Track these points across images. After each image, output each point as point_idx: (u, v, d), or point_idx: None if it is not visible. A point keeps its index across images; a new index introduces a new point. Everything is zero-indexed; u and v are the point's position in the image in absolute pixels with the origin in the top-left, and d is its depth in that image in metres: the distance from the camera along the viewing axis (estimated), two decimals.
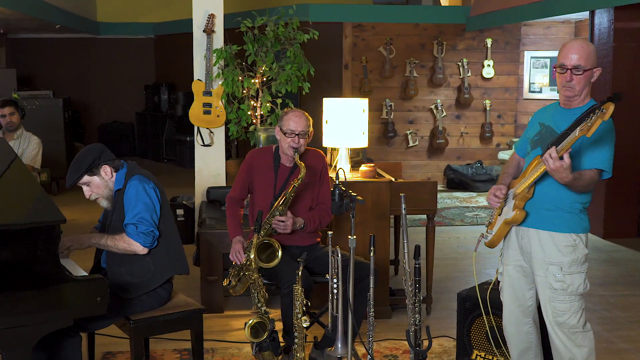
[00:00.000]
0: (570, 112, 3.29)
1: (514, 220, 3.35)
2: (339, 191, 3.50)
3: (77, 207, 8.51)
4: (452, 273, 6.24)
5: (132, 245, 3.51)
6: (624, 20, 7.43)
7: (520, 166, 3.60)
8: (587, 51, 3.22)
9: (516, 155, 3.63)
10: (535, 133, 3.42)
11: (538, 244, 3.33)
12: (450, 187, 10.62)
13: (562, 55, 3.26)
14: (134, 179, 3.57)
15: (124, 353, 4.31)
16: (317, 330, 4.45)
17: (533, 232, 3.34)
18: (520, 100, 11.11)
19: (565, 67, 3.23)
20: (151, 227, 3.53)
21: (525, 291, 3.47)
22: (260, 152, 4.37)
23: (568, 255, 3.28)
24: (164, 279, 3.63)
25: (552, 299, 3.30)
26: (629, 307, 5.36)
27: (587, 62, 3.21)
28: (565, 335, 3.31)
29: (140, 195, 3.53)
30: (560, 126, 3.27)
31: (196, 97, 6.54)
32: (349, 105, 5.02)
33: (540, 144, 3.33)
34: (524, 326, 3.51)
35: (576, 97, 3.28)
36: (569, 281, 3.28)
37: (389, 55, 10.73)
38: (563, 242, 3.28)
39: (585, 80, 3.24)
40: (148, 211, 3.53)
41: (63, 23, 10.87)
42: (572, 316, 3.29)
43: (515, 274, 3.47)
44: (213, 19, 6.44)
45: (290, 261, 3.95)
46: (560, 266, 3.28)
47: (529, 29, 10.95)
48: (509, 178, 3.53)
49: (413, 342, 3.51)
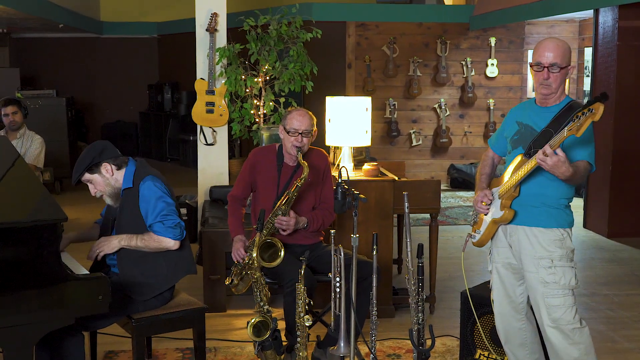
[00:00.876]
0: (548, 110, 3.34)
1: (504, 220, 3.39)
2: (341, 189, 3.48)
3: (81, 206, 8.51)
4: (455, 272, 6.22)
5: (162, 242, 3.54)
6: (629, 18, 7.40)
7: (495, 163, 3.67)
8: (562, 49, 3.27)
9: (490, 152, 3.69)
10: (515, 132, 3.45)
11: (527, 241, 3.36)
12: (454, 187, 10.60)
13: (537, 53, 3.30)
14: (147, 179, 3.58)
15: (126, 352, 4.30)
16: (320, 329, 4.43)
17: (521, 230, 3.38)
18: (523, 100, 11.07)
19: (542, 65, 3.27)
20: (177, 219, 3.56)
21: (515, 287, 3.49)
22: (264, 150, 4.36)
23: (557, 249, 3.31)
24: (175, 280, 3.66)
25: (545, 294, 3.31)
26: (634, 306, 5.34)
27: (563, 60, 3.27)
28: (561, 333, 3.29)
29: (158, 194, 3.55)
30: (539, 124, 3.32)
31: (199, 96, 6.53)
32: (352, 103, 5.01)
33: (521, 143, 3.38)
34: (517, 322, 3.52)
35: (552, 94, 3.32)
36: (560, 273, 3.30)
37: (393, 54, 10.71)
38: (551, 236, 3.32)
39: (562, 78, 3.29)
40: (169, 207, 3.56)
41: (67, 22, 10.87)
42: (567, 311, 3.29)
43: (504, 271, 3.50)
44: (216, 18, 6.43)
45: (293, 260, 3.94)
46: (551, 259, 3.31)
47: (532, 28, 10.92)
48: (487, 180, 3.60)
49: (416, 341, 3.50)
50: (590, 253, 6.86)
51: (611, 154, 7.51)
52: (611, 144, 7.52)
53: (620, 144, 7.56)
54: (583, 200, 8.00)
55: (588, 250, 6.93)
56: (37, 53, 13.84)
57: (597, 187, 7.70)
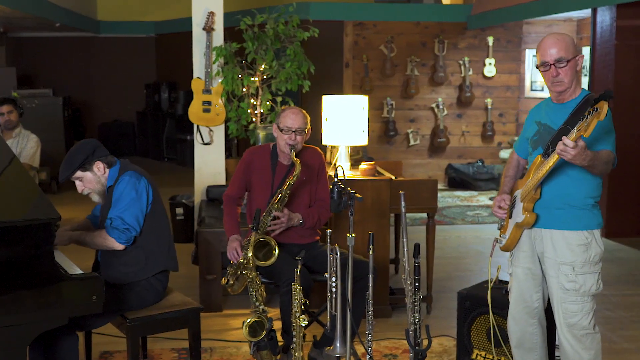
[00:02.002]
0: (564, 106, 3.25)
1: (525, 224, 3.29)
2: (337, 189, 3.46)
3: (77, 205, 8.48)
4: (453, 272, 6.21)
5: (107, 241, 3.50)
6: (627, 18, 7.38)
7: (520, 166, 3.55)
8: (564, 42, 3.18)
9: (515, 155, 3.58)
10: (534, 133, 3.36)
11: (550, 244, 3.26)
12: (452, 186, 10.58)
13: (540, 53, 3.21)
14: (126, 174, 3.56)
15: (122, 352, 4.28)
16: (317, 329, 4.41)
17: (546, 233, 3.28)
18: (521, 99, 11.07)
19: (548, 64, 3.18)
20: (127, 225, 3.49)
21: (532, 293, 3.41)
22: (258, 150, 4.34)
23: (580, 255, 3.21)
24: (154, 270, 3.62)
25: (563, 300, 3.24)
26: (632, 306, 5.32)
27: (568, 52, 3.17)
28: (574, 337, 3.24)
29: (128, 191, 3.51)
30: (556, 122, 3.23)
31: (196, 95, 6.50)
32: (349, 102, 4.99)
33: (541, 143, 3.29)
34: (529, 327, 3.45)
35: (567, 90, 3.23)
36: (581, 281, 3.21)
37: (390, 53, 10.69)
38: (576, 240, 3.21)
39: (572, 71, 3.19)
40: (132, 208, 3.50)
41: (63, 22, 10.83)
42: (583, 317, 3.23)
43: (523, 277, 3.41)
44: (213, 17, 6.40)
45: (289, 259, 3.92)
46: (573, 266, 3.21)
47: (530, 27, 10.90)
48: (511, 182, 3.48)
49: (412, 341, 3.47)
50: None
51: None
52: None
53: (618, 144, 7.45)
54: None
55: None
56: (34, 52, 13.81)
57: None
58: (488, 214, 8.66)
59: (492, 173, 10.35)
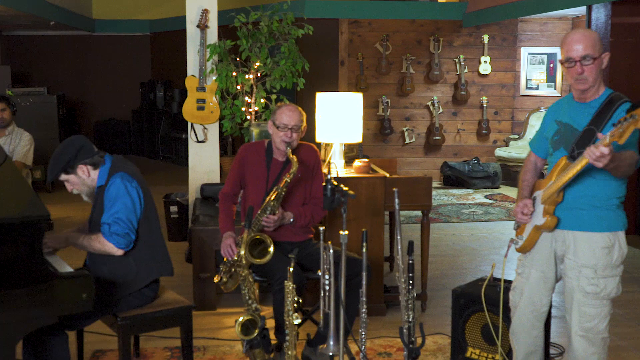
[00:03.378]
0: (587, 105, 3.15)
1: (546, 227, 3.21)
2: (330, 186, 3.44)
3: (71, 204, 8.45)
4: (448, 270, 6.19)
5: (105, 246, 3.41)
6: (621, 15, 7.37)
7: (537, 167, 3.45)
8: (591, 38, 3.07)
9: (532, 157, 3.47)
10: (555, 132, 3.26)
11: (572, 246, 3.17)
12: (447, 184, 10.57)
13: (566, 48, 3.09)
14: (117, 176, 3.45)
15: (114, 351, 4.25)
16: (311, 328, 4.39)
17: (569, 234, 3.19)
18: (517, 97, 11.06)
19: (573, 60, 3.06)
20: (126, 229, 3.41)
21: (542, 297, 3.35)
22: (253, 146, 4.32)
23: (603, 258, 3.12)
24: (147, 281, 3.54)
25: (582, 303, 3.16)
26: (626, 304, 5.31)
27: (594, 49, 3.06)
28: (589, 341, 3.17)
29: (121, 195, 3.41)
30: (579, 122, 3.14)
31: (190, 93, 6.48)
32: (343, 99, 4.96)
33: (563, 144, 3.19)
34: (534, 330, 3.41)
35: (591, 88, 3.12)
36: (602, 285, 3.13)
37: (385, 51, 10.67)
38: (600, 243, 3.12)
39: (597, 69, 3.08)
40: (126, 212, 3.41)
41: (58, 20, 10.79)
42: (600, 321, 3.16)
43: (536, 280, 3.33)
44: (207, 14, 6.38)
45: (282, 257, 3.90)
46: (595, 269, 3.12)
47: (525, 25, 10.89)
48: (530, 186, 3.38)
49: (406, 339, 3.45)
50: None
51: None
52: None
53: None
54: None
55: None
56: (29, 50, 13.76)
57: None
58: (483, 212, 8.65)
59: (487, 171, 10.34)
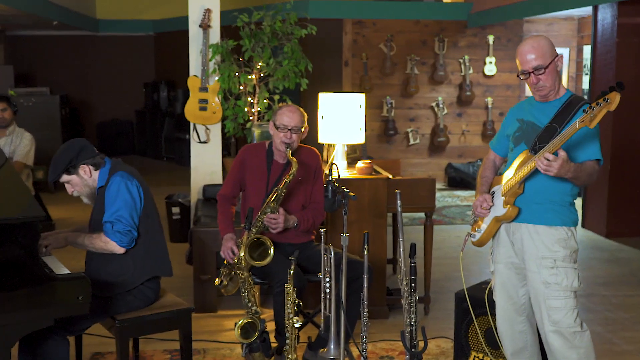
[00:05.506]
0: (549, 104, 3.26)
1: (507, 217, 3.30)
2: (332, 187, 3.39)
3: (74, 204, 8.38)
4: (451, 273, 6.13)
5: (108, 245, 3.38)
6: (628, 15, 7.32)
7: (496, 165, 3.58)
8: (540, 48, 3.18)
9: (491, 155, 3.60)
10: (515, 129, 3.37)
11: (530, 239, 3.26)
12: (452, 186, 10.51)
13: (519, 61, 3.22)
14: (117, 175, 3.45)
15: (113, 354, 4.21)
16: (312, 331, 4.34)
17: (524, 228, 3.28)
18: (522, 98, 10.99)
19: (527, 72, 3.19)
20: (129, 227, 3.39)
21: (517, 288, 3.39)
22: (253, 148, 4.27)
23: (561, 249, 3.21)
24: (143, 278, 3.50)
25: (546, 295, 3.21)
26: (632, 307, 5.25)
27: (545, 57, 3.17)
28: (561, 336, 3.20)
29: (121, 193, 3.40)
30: (540, 120, 3.25)
31: (192, 93, 6.42)
32: (346, 100, 4.92)
33: (524, 139, 3.29)
34: (518, 325, 3.42)
35: (551, 92, 3.24)
36: (562, 274, 3.20)
37: (390, 52, 10.62)
38: (555, 235, 3.22)
39: (552, 74, 3.20)
40: (127, 209, 3.40)
41: (61, 20, 10.76)
42: (568, 313, 3.19)
43: (507, 272, 3.40)
44: (209, 14, 6.33)
45: (283, 259, 3.84)
46: (554, 259, 3.21)
47: (531, 25, 10.82)
48: (488, 183, 3.50)
49: (408, 343, 3.40)
50: (589, 253, 6.76)
51: (610, 152, 7.42)
52: (610, 143, 7.42)
53: (619, 143, 7.48)
54: (582, 200, 7.92)
55: (586, 251, 6.83)
56: (32, 50, 13.76)
57: (595, 186, 7.60)
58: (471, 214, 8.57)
59: None
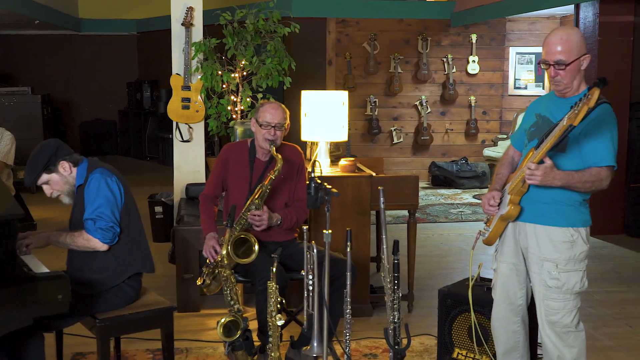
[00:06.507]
0: (566, 101, 3.15)
1: (509, 216, 3.22)
2: (314, 184, 3.37)
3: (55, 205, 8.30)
4: (435, 270, 6.13)
5: (90, 242, 3.36)
6: (610, 14, 7.35)
7: (514, 161, 3.46)
8: (569, 43, 3.05)
9: (511, 151, 3.49)
10: (532, 124, 3.28)
11: (534, 239, 3.19)
12: (435, 184, 10.52)
13: (544, 50, 3.10)
14: (96, 172, 3.42)
15: (95, 354, 4.15)
16: (296, 329, 4.32)
17: (530, 227, 3.21)
18: (505, 97, 11.04)
19: (548, 63, 3.09)
20: (111, 223, 3.37)
21: (516, 290, 3.34)
22: (235, 146, 4.24)
23: (564, 252, 3.13)
24: (126, 275, 3.48)
25: (545, 296, 3.18)
26: (615, 304, 5.27)
27: (570, 54, 3.05)
28: (556, 334, 3.19)
29: (102, 189, 3.38)
30: (556, 116, 3.14)
31: (175, 91, 6.39)
32: (328, 98, 4.90)
33: (537, 135, 3.20)
34: (512, 325, 3.39)
35: (567, 89, 3.14)
36: (564, 279, 3.14)
37: (373, 51, 10.62)
38: (560, 237, 3.14)
39: (572, 72, 3.08)
40: (109, 206, 3.38)
41: (43, 19, 10.66)
42: (565, 315, 3.17)
43: (508, 272, 3.34)
44: (192, 12, 6.29)
45: (265, 257, 3.83)
46: (556, 263, 3.14)
47: (514, 24, 10.87)
48: (503, 179, 3.38)
49: (392, 340, 3.39)
50: None
51: None
52: None
53: None
54: None
55: None
56: (13, 50, 13.63)
57: None
58: (471, 211, 8.60)
59: (475, 171, 10.30)
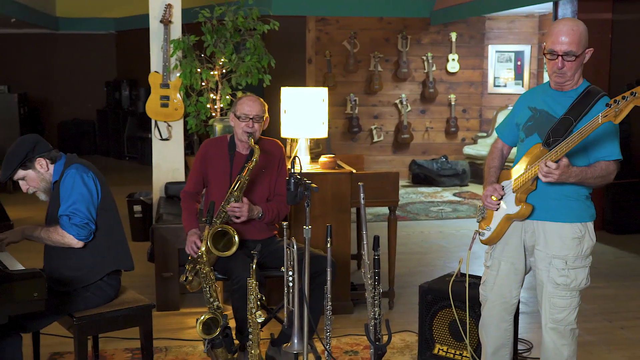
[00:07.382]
0: (564, 94, 3.11)
1: (520, 215, 3.15)
2: (294, 180, 3.35)
3: (33, 204, 8.21)
4: (415, 267, 6.13)
5: (65, 238, 3.32)
6: (588, 11, 7.38)
7: (504, 154, 3.40)
8: (578, 34, 3.00)
9: (499, 144, 3.41)
10: (528, 118, 3.20)
11: (542, 237, 3.14)
12: (416, 182, 10.53)
13: (551, 39, 3.02)
14: (72, 167, 3.38)
15: (72, 354, 4.10)
16: (275, 327, 4.30)
17: (539, 225, 3.16)
18: (485, 95, 11.07)
19: (556, 53, 3.01)
20: (86, 220, 3.33)
21: (512, 290, 3.31)
22: (215, 141, 4.22)
23: (574, 248, 3.10)
24: (103, 272, 3.44)
25: (552, 295, 3.13)
26: (594, 299, 5.30)
27: (579, 46, 3.01)
28: (558, 334, 3.16)
29: (77, 185, 3.34)
30: (556, 110, 3.09)
31: (153, 89, 6.33)
32: (308, 94, 4.88)
33: (537, 130, 3.13)
34: (504, 323, 3.36)
35: (569, 81, 3.10)
36: (572, 276, 3.11)
37: (353, 49, 10.61)
38: (570, 234, 3.10)
39: (578, 65, 3.06)
40: (84, 202, 3.34)
41: (19, 17, 10.54)
42: (570, 313, 3.15)
43: (506, 271, 3.29)
44: (170, 9, 6.24)
45: (241, 256, 3.80)
46: (565, 260, 3.10)
47: (493, 23, 10.91)
48: (497, 172, 3.33)
49: (372, 337, 3.38)
50: None
51: None
52: None
53: None
54: None
55: None
56: None
57: None
58: (452, 209, 8.62)
59: (455, 169, 10.32)
